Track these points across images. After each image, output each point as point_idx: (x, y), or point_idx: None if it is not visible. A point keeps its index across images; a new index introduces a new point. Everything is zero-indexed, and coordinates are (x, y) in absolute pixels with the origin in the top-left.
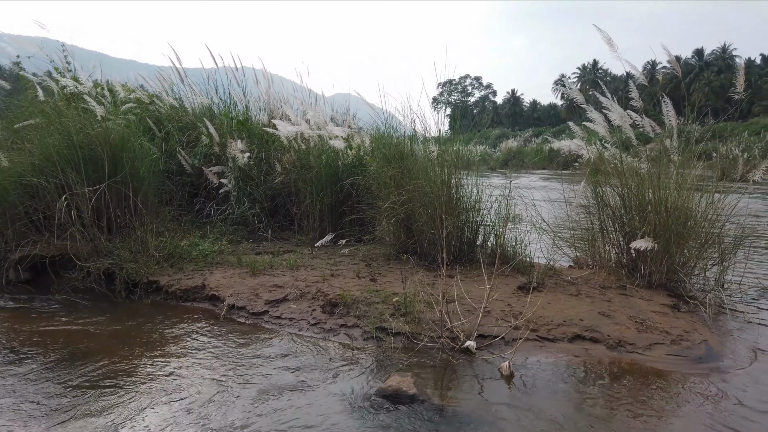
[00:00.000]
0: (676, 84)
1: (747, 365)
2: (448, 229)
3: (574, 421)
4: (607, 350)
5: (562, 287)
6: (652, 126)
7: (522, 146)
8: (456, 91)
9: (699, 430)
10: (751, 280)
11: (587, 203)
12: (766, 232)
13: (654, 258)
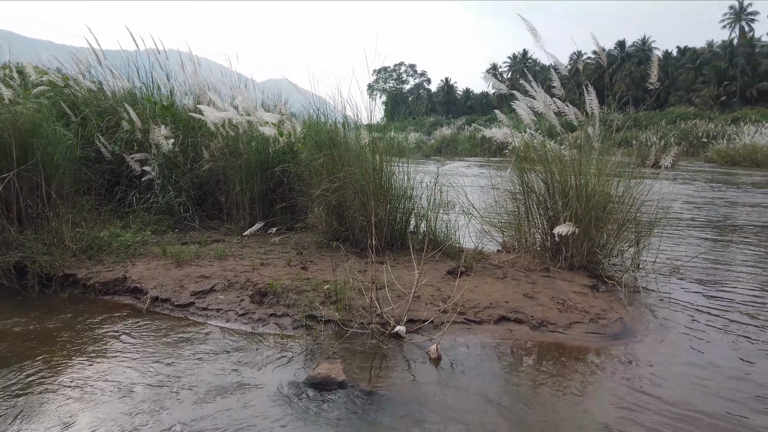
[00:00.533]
0: (600, 74)
1: (658, 339)
2: (379, 215)
3: (498, 397)
4: (530, 330)
5: (490, 271)
6: (576, 114)
7: (455, 134)
8: (391, 78)
9: (616, 400)
10: (664, 260)
11: (514, 189)
12: (680, 214)
13: (575, 241)
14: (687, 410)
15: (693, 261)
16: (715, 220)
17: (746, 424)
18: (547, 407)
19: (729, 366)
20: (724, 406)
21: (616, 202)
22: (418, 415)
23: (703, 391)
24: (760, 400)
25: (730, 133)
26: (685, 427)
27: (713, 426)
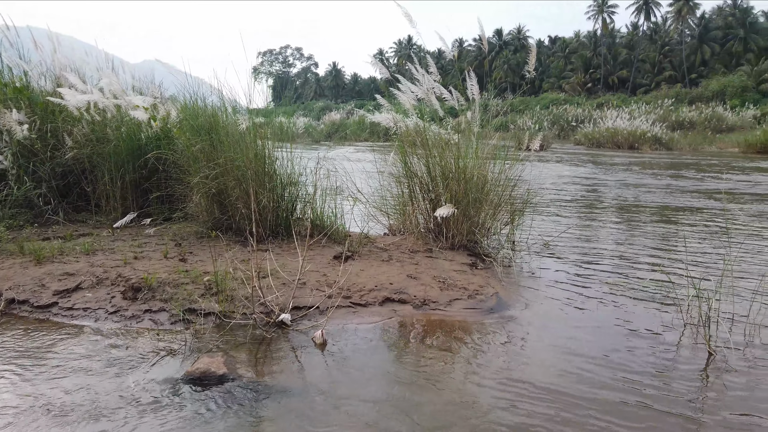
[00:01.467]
0: (480, 61)
1: (529, 310)
2: (262, 202)
3: (383, 377)
4: (413, 309)
5: (376, 254)
6: (457, 99)
7: (345, 119)
8: (277, 61)
9: (496, 368)
10: (536, 236)
11: (398, 173)
12: (551, 194)
13: (456, 222)
14: (558, 376)
15: (562, 237)
16: (583, 198)
17: (607, 384)
18: (429, 382)
19: (591, 331)
20: (589, 369)
21: (492, 183)
22: (304, 402)
23: (570, 359)
24: (621, 365)
25: (595, 118)
26: (554, 393)
27: (582, 389)
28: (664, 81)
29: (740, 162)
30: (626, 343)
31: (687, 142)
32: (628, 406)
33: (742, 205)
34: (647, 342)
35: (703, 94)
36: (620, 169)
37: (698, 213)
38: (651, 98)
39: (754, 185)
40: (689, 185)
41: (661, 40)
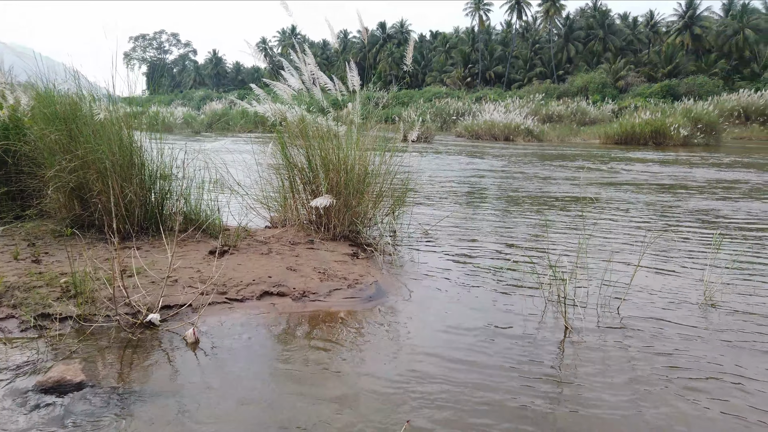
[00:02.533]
0: (365, 53)
1: (408, 297)
2: (128, 196)
3: (259, 373)
4: (293, 302)
5: (255, 247)
6: (339, 89)
7: (227, 109)
8: (151, 47)
9: (372, 356)
10: (417, 225)
11: (277, 164)
12: (432, 184)
13: (337, 213)
14: (435, 357)
15: (442, 225)
16: (463, 187)
17: (484, 364)
18: (304, 376)
19: (466, 314)
20: (464, 349)
21: (373, 174)
22: (173, 405)
23: (448, 339)
24: (493, 342)
25: (474, 111)
26: (435, 372)
27: (458, 367)
28: (536, 77)
29: (601, 151)
30: (498, 322)
31: (556, 134)
32: (502, 370)
33: (600, 191)
34: (516, 319)
35: (570, 90)
36: (497, 159)
37: (564, 201)
38: (524, 93)
39: (615, 173)
40: (559, 174)
41: (532, 38)
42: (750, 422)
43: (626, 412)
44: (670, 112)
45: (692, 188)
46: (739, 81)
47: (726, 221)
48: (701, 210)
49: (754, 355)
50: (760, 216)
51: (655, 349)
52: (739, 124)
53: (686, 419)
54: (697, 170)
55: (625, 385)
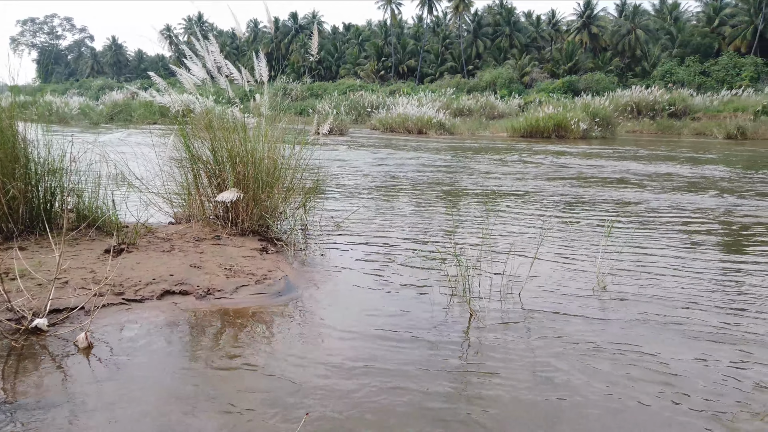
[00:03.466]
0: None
1: (319, 291)
2: (10, 193)
3: (157, 377)
4: (196, 300)
5: (156, 245)
6: (247, 79)
7: (129, 99)
8: (42, 32)
9: (279, 351)
10: (329, 219)
11: (180, 157)
12: (345, 177)
13: (246, 207)
14: (345, 349)
15: (355, 218)
16: (377, 180)
17: (404, 358)
18: (203, 377)
19: (375, 303)
20: (374, 340)
21: (283, 167)
22: (61, 416)
23: (359, 331)
24: (402, 328)
25: (388, 104)
26: (351, 362)
27: (367, 355)
28: (447, 71)
29: (507, 144)
30: (407, 313)
31: (466, 128)
32: (410, 358)
33: (502, 183)
34: (423, 308)
35: (479, 85)
36: (412, 152)
37: (475, 193)
38: (436, 87)
39: (527, 165)
40: (473, 166)
41: (442, 33)
42: (639, 391)
43: (526, 386)
44: (570, 107)
45: (596, 179)
46: (631, 78)
47: (621, 209)
48: (601, 199)
49: (641, 330)
50: (652, 204)
51: (551, 329)
52: (632, 118)
53: (582, 401)
54: (599, 161)
55: (525, 361)
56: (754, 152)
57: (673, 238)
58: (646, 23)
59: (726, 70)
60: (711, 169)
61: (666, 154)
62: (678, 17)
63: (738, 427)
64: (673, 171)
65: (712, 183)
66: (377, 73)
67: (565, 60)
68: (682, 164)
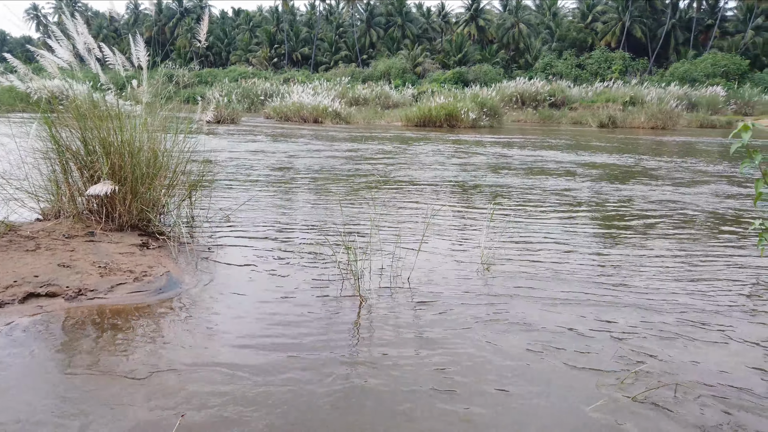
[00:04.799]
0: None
1: (205, 285)
2: None
3: (16, 390)
4: (65, 302)
5: (18, 244)
6: (123, 64)
7: None
8: None
9: (167, 350)
10: (218, 211)
11: (47, 147)
12: (242, 167)
13: (123, 200)
14: (229, 345)
15: (245, 210)
16: (270, 170)
17: (302, 346)
18: (71, 385)
19: (264, 295)
20: (261, 334)
21: (165, 157)
22: None
23: (245, 325)
24: (291, 317)
25: (282, 92)
26: (240, 351)
27: (253, 349)
28: (341, 60)
29: (402, 132)
30: (297, 302)
31: (362, 117)
32: (300, 347)
33: (394, 170)
34: (313, 296)
35: (373, 74)
36: (307, 141)
37: (368, 181)
38: (331, 75)
39: (416, 156)
40: (365, 155)
41: (336, 21)
42: (511, 354)
43: (414, 361)
44: (461, 98)
45: (484, 165)
46: (516, 70)
47: (506, 193)
48: (487, 185)
49: (520, 303)
50: (536, 188)
51: (438, 308)
52: (517, 108)
53: (459, 360)
54: (488, 147)
55: (414, 339)
56: (624, 139)
57: (552, 218)
58: (528, 18)
59: (599, 64)
60: (588, 156)
61: (549, 141)
62: (556, 13)
63: (604, 370)
64: (555, 157)
65: (590, 168)
66: (270, 60)
67: (455, 51)
68: (562, 151)
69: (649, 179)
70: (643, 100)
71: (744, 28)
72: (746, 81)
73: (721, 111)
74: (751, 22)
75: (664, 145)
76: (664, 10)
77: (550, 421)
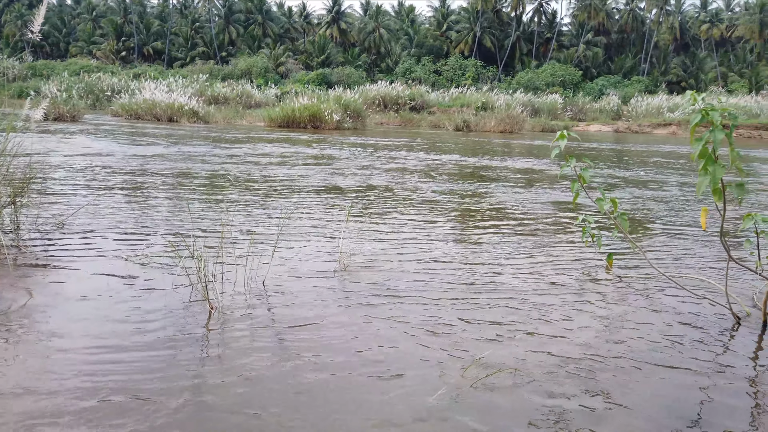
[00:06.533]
0: None
1: (32, 299)
2: None
3: None
4: None
5: None
6: None
7: None
8: None
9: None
10: (50, 217)
11: None
12: (80, 170)
13: None
14: (59, 362)
15: (84, 216)
16: (113, 173)
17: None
18: None
19: (98, 312)
20: (94, 350)
21: None
22: None
23: (74, 342)
24: (127, 332)
25: (133, 88)
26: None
27: (88, 365)
28: (198, 56)
29: (264, 133)
30: (139, 314)
31: (222, 116)
32: (139, 365)
33: (252, 170)
34: (159, 308)
35: (234, 72)
36: (156, 140)
37: (222, 183)
38: (187, 72)
39: (292, 155)
40: (220, 154)
41: (191, 16)
42: (363, 353)
43: (268, 372)
44: (324, 99)
45: (347, 166)
46: (378, 73)
47: (362, 193)
48: (348, 186)
49: (371, 299)
50: (394, 188)
51: (295, 313)
52: (380, 110)
53: (310, 366)
54: (339, 151)
55: (268, 348)
56: (477, 141)
57: (406, 216)
58: (388, 23)
59: (454, 70)
60: (443, 157)
61: (410, 143)
62: (414, 20)
63: (449, 361)
64: (418, 157)
65: (444, 167)
66: (118, 54)
67: (318, 53)
68: (418, 152)
69: (500, 180)
70: (494, 106)
71: (577, 42)
72: (580, 90)
73: (560, 116)
74: (582, 37)
75: (511, 147)
76: (510, 22)
77: (391, 412)
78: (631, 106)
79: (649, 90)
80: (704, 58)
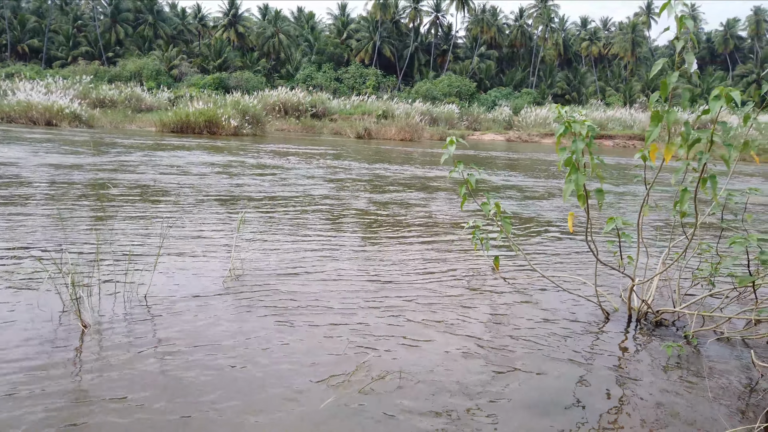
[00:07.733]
0: None
1: None
2: None
3: None
4: None
5: None
6: None
7: None
8: None
9: None
10: None
11: None
12: None
13: None
14: None
15: None
16: None
17: None
18: None
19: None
20: None
21: None
22: None
23: None
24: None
25: (5, 89)
26: None
27: None
28: (82, 56)
29: (154, 138)
30: (21, 328)
31: (108, 120)
32: None
33: (136, 179)
34: (25, 326)
35: (122, 74)
36: (31, 146)
37: (103, 192)
38: (69, 72)
39: (184, 164)
40: (105, 164)
41: (73, 13)
42: (250, 368)
43: (152, 392)
44: (222, 104)
45: (235, 173)
46: (278, 79)
47: (251, 202)
48: (229, 194)
49: (261, 313)
50: (295, 195)
51: (178, 322)
52: (280, 117)
53: (195, 386)
54: (241, 155)
55: (155, 361)
56: (378, 149)
57: (294, 225)
58: (288, 29)
59: (354, 78)
60: (345, 163)
61: (309, 150)
62: (314, 27)
63: (334, 369)
64: (318, 164)
65: (339, 174)
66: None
67: (215, 56)
68: (320, 160)
69: (400, 186)
70: (394, 114)
71: (471, 55)
72: (475, 100)
73: (457, 126)
74: (476, 50)
75: (411, 155)
76: (408, 33)
77: (281, 427)
78: (521, 117)
79: (537, 102)
80: (585, 73)
